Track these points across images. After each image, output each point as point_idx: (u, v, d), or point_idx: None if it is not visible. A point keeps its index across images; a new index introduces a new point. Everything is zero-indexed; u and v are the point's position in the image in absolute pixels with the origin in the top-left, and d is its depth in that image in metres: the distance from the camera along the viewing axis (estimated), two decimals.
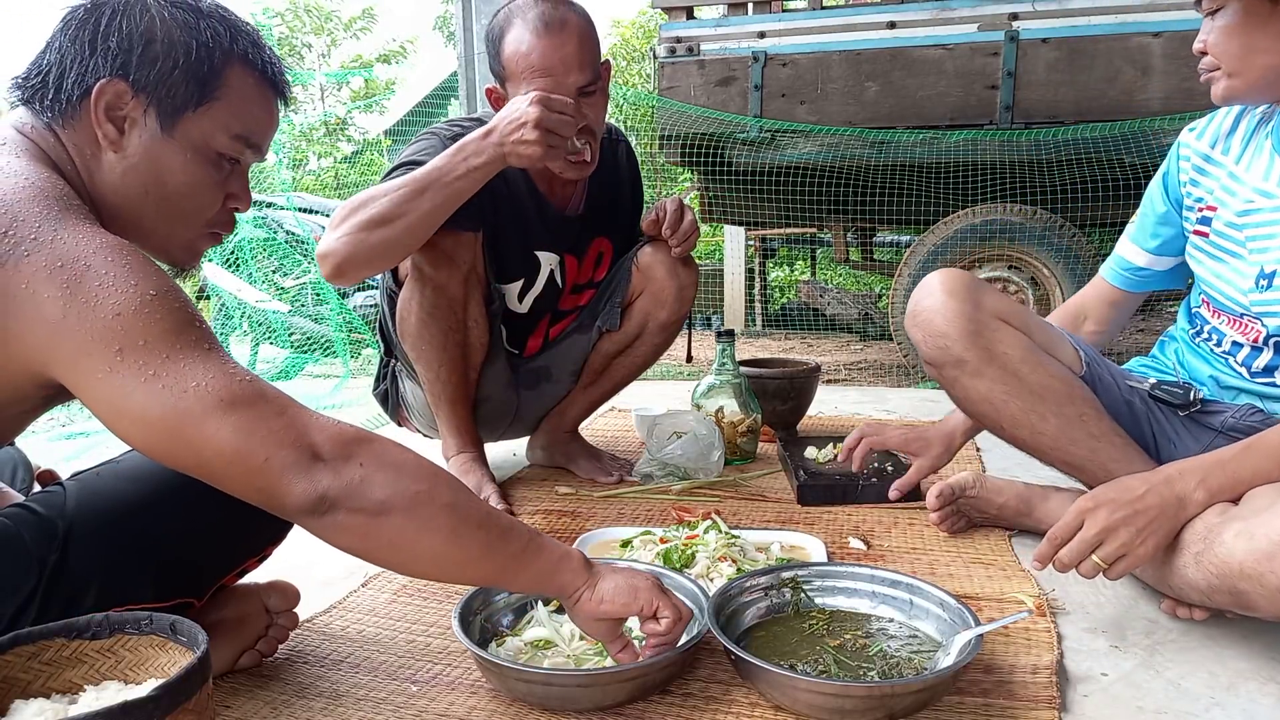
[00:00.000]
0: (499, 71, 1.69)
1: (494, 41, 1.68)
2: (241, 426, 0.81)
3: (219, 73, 0.94)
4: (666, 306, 1.94)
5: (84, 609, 0.90)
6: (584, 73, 1.64)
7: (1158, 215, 1.49)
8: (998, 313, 1.41)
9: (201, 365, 0.82)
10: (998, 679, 1.10)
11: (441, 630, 1.27)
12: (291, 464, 0.83)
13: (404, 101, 12.71)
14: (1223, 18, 1.21)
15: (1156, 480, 1.17)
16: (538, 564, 0.98)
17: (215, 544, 1.04)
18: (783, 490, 1.90)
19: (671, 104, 3.82)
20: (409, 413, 2.01)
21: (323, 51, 13.50)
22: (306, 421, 0.85)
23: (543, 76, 1.61)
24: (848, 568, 1.29)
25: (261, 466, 0.82)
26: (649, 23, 10.35)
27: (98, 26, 0.90)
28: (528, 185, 1.82)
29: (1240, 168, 1.34)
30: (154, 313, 0.81)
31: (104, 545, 0.94)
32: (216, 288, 4.63)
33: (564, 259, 1.92)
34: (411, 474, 0.89)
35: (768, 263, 7.47)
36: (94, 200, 0.93)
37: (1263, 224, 1.29)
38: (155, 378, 0.80)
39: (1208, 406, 1.41)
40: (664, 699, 1.07)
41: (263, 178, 5.76)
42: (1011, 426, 1.41)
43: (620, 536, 1.52)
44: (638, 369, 2.05)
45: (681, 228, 1.86)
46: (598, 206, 1.93)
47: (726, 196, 4.29)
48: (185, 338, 0.82)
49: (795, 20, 3.78)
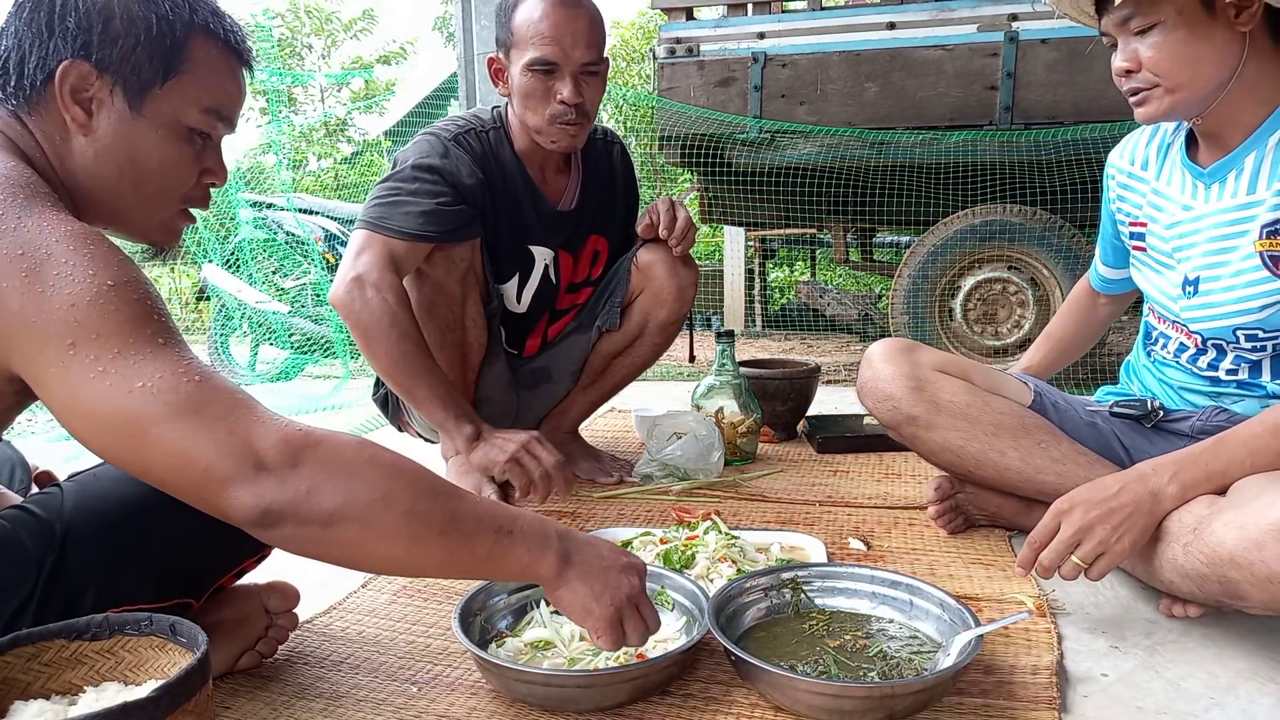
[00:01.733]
0: (506, 39, 1.72)
1: (507, 10, 1.72)
2: (186, 432, 0.77)
3: (182, 45, 0.92)
4: (666, 306, 1.94)
5: (82, 610, 0.90)
6: (589, 51, 1.70)
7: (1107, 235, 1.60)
8: (935, 365, 1.52)
9: (153, 363, 0.78)
10: (998, 679, 1.10)
11: (441, 631, 1.27)
12: (233, 475, 0.77)
13: (404, 102, 12.69)
14: (1159, 34, 1.20)
15: (1129, 477, 1.20)
16: (504, 566, 0.92)
17: (213, 544, 1.03)
18: (783, 490, 1.90)
19: (671, 105, 3.82)
20: (409, 416, 2.01)
21: (323, 52, 13.49)
22: (251, 426, 0.79)
23: (551, 45, 1.66)
24: (848, 568, 1.29)
25: (202, 477, 0.77)
26: (649, 23, 10.34)
27: (53, 7, 0.88)
28: (523, 179, 1.83)
29: (1161, 183, 1.40)
30: (110, 304, 0.78)
31: (102, 547, 0.94)
32: (216, 288, 4.63)
33: (558, 255, 1.92)
34: (365, 480, 0.82)
35: (768, 263, 7.47)
36: (68, 187, 0.92)
37: (1185, 234, 1.35)
38: (104, 374, 0.76)
39: (1171, 415, 1.45)
40: (664, 699, 1.07)
41: (263, 179, 5.76)
42: (977, 468, 1.49)
43: (620, 537, 1.52)
44: (638, 369, 2.05)
45: (677, 228, 1.87)
46: (592, 204, 1.94)
47: (726, 197, 4.28)
48: (140, 332, 0.78)
49: (795, 21, 3.77)
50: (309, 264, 4.61)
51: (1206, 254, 1.31)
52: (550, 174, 1.89)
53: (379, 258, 1.62)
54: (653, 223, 1.88)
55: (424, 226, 1.65)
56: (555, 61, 1.67)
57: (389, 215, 1.65)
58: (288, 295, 4.65)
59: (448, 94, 9.85)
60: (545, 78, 1.69)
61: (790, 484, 1.96)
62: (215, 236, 4.96)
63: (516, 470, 1.60)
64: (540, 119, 1.72)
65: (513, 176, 1.82)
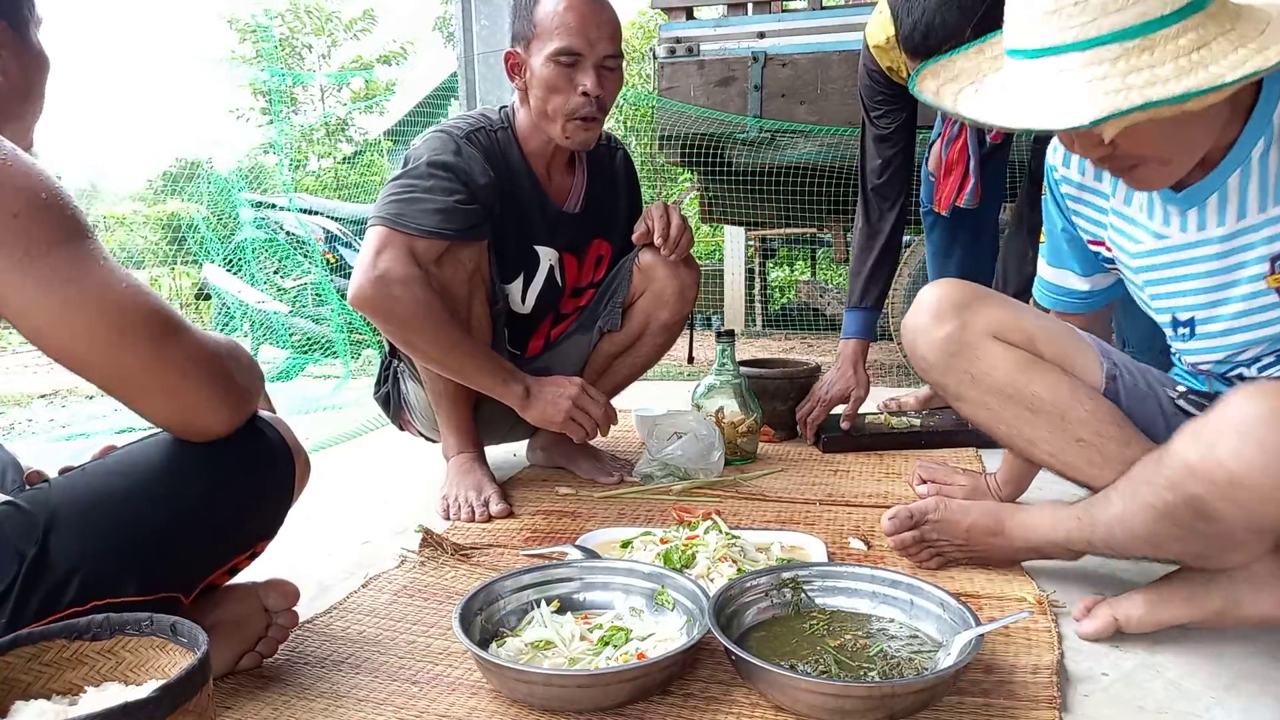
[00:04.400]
0: (527, 32, 1.73)
1: (528, 3, 1.73)
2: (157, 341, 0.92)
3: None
4: (668, 306, 1.94)
5: (66, 601, 0.91)
6: (611, 44, 1.73)
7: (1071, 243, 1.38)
8: (990, 328, 1.31)
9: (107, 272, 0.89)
10: (998, 679, 1.10)
11: (442, 631, 1.27)
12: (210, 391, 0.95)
13: (404, 102, 12.70)
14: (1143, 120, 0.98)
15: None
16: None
17: (201, 538, 1.02)
18: (783, 490, 1.90)
19: (671, 104, 3.82)
20: (410, 414, 2.01)
21: (323, 52, 13.51)
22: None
23: (575, 36, 1.68)
24: (848, 568, 1.29)
25: (179, 385, 0.93)
26: (649, 23, 10.34)
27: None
28: (530, 179, 1.83)
29: (1119, 202, 1.23)
30: (50, 215, 0.87)
31: (85, 537, 0.93)
32: (217, 288, 4.63)
33: (563, 257, 1.92)
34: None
35: (768, 263, 7.46)
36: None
37: (1157, 267, 1.19)
38: (69, 281, 0.87)
39: None
40: (664, 699, 1.07)
41: (264, 179, 5.76)
42: (1007, 442, 1.37)
43: (620, 537, 1.52)
44: (639, 369, 2.05)
45: (671, 235, 1.86)
46: (596, 207, 1.94)
47: (726, 197, 4.28)
48: (84, 243, 0.89)
49: (795, 20, 3.77)
50: (310, 264, 4.61)
51: (1198, 292, 1.16)
52: (557, 174, 1.89)
53: (401, 254, 1.63)
54: (647, 229, 1.88)
55: (441, 225, 1.65)
56: (579, 51, 1.69)
57: (405, 212, 1.65)
58: (288, 295, 4.65)
59: (448, 94, 9.85)
60: (568, 68, 1.70)
61: (790, 484, 1.96)
62: (216, 236, 4.97)
63: (572, 425, 1.75)
64: (560, 111, 1.73)
65: (520, 176, 1.82)
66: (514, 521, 1.75)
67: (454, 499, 1.79)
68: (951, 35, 1.73)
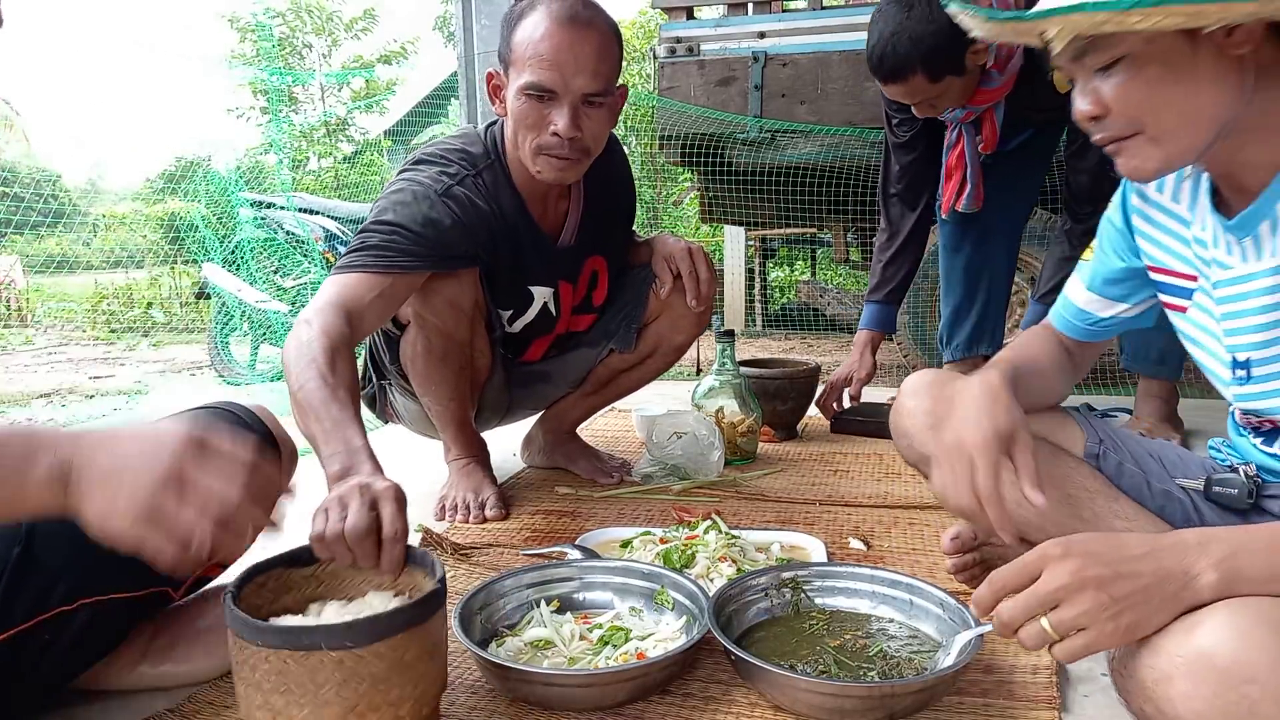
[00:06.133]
0: (506, 55, 1.57)
1: (510, 23, 1.57)
2: None
3: None
4: (685, 332, 1.93)
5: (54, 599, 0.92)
6: (594, 81, 1.52)
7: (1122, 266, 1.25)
8: None
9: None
10: (998, 679, 1.10)
11: None
12: None
13: (404, 101, 12.70)
14: (1125, 72, 0.93)
15: (1164, 543, 0.85)
16: None
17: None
18: (783, 490, 1.90)
19: (671, 104, 3.82)
20: (398, 419, 2.01)
21: (324, 52, 13.51)
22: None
23: (549, 71, 1.50)
24: (848, 568, 1.29)
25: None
26: (649, 23, 10.34)
27: None
28: (524, 219, 1.71)
29: (1199, 229, 1.11)
30: None
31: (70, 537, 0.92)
32: (216, 288, 4.63)
33: (559, 287, 1.83)
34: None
35: (768, 263, 7.46)
36: None
37: (1227, 299, 1.07)
38: None
39: (1267, 490, 1.14)
40: (664, 699, 1.07)
41: (263, 178, 5.76)
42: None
43: (620, 537, 1.52)
44: (644, 382, 2.03)
45: (703, 293, 1.83)
46: (592, 228, 1.83)
47: (726, 197, 4.28)
48: None
49: (795, 20, 3.77)
50: (309, 263, 4.61)
51: (1255, 329, 1.05)
52: (551, 204, 1.76)
53: (327, 299, 1.46)
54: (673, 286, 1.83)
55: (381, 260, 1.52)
56: (552, 89, 1.51)
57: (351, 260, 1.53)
58: (288, 295, 4.65)
59: (448, 93, 9.86)
60: (540, 104, 1.53)
61: (790, 483, 1.96)
62: (215, 236, 4.97)
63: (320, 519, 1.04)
64: (528, 147, 1.57)
65: (513, 216, 1.69)
66: (514, 521, 1.75)
67: (451, 500, 1.79)
68: (902, 63, 1.90)
